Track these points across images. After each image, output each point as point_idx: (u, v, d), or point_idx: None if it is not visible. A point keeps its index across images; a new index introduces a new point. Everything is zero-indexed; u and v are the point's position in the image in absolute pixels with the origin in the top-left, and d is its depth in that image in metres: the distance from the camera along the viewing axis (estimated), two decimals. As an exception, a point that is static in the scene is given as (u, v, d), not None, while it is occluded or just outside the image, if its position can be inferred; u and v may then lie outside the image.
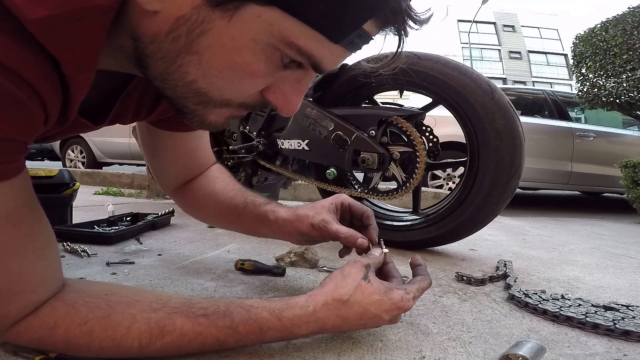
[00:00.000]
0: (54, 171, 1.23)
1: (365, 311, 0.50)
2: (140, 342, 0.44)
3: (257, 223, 0.74)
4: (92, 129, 0.56)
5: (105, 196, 2.58)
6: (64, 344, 0.43)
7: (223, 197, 0.77)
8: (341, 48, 0.40)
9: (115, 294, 0.48)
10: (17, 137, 0.38)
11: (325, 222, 0.66)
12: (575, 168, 3.66)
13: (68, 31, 0.36)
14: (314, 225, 0.66)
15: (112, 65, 0.47)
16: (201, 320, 0.46)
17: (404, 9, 0.39)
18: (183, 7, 0.37)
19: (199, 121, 0.46)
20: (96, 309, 0.44)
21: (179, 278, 0.81)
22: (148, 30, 0.39)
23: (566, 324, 0.66)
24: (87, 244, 1.03)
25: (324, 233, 0.66)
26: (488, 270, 1.02)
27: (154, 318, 0.45)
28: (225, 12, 0.37)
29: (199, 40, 0.38)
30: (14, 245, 0.40)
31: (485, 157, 1.06)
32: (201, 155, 0.80)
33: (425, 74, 1.10)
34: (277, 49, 0.39)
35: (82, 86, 0.41)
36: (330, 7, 0.37)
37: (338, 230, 0.65)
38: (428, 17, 0.41)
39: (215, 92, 0.42)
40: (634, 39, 3.52)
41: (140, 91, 0.57)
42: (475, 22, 24.81)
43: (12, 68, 0.34)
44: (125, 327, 0.44)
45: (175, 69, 0.41)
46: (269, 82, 0.44)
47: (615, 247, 1.56)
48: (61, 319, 0.43)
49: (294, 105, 0.46)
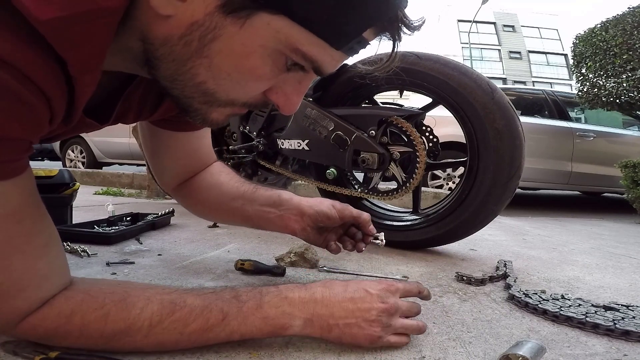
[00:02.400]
0: (54, 171, 1.23)
1: (347, 283, 0.54)
2: (150, 322, 0.45)
3: (266, 205, 0.76)
4: (97, 129, 0.57)
5: (105, 196, 2.58)
6: (78, 332, 0.44)
7: (229, 186, 0.79)
8: (341, 53, 0.43)
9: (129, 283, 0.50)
10: (23, 136, 0.38)
11: (347, 205, 0.75)
12: (576, 168, 3.66)
13: (75, 32, 0.36)
14: (334, 205, 0.75)
15: (117, 65, 0.48)
16: (209, 296, 0.49)
17: (399, 18, 0.42)
18: (196, 13, 0.39)
19: (202, 119, 0.48)
20: (112, 293, 0.46)
21: (179, 278, 0.81)
22: (160, 34, 0.41)
23: (566, 324, 0.66)
24: (87, 244, 1.03)
25: (345, 212, 0.74)
26: (488, 270, 1.02)
27: (167, 298, 0.47)
28: (237, 20, 0.39)
29: (210, 45, 0.40)
30: (17, 243, 0.41)
31: (485, 157, 1.06)
32: (202, 155, 0.81)
33: (425, 74, 1.10)
34: (282, 54, 0.42)
35: (88, 86, 0.42)
36: (333, 17, 0.39)
37: (360, 212, 0.75)
38: (420, 24, 0.44)
39: (222, 92, 0.45)
40: (634, 39, 3.53)
41: (142, 91, 0.58)
42: (475, 22, 24.80)
43: (18, 67, 0.34)
44: (139, 308, 0.45)
45: (186, 70, 0.42)
46: (272, 83, 0.46)
47: (615, 247, 1.56)
48: (78, 306, 0.44)
49: (294, 104, 0.49)
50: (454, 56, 3.46)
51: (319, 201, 0.75)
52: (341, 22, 0.40)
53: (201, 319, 0.47)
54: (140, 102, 0.59)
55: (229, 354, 0.49)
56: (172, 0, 0.38)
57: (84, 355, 0.44)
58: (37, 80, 0.36)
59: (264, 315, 0.49)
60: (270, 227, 0.78)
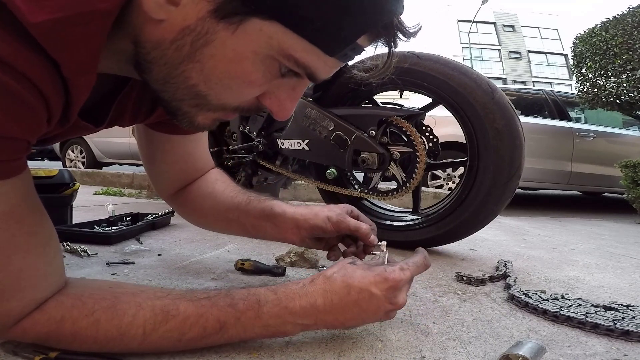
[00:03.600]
0: (54, 171, 1.23)
1: (349, 285, 0.50)
2: (144, 330, 0.44)
3: (261, 218, 0.73)
4: (93, 131, 0.57)
5: (105, 196, 2.58)
6: (70, 337, 0.43)
7: (224, 197, 0.77)
8: (335, 60, 0.43)
9: (120, 287, 0.49)
10: (21, 136, 0.38)
11: (344, 216, 0.68)
12: (576, 168, 3.66)
13: (68, 34, 0.36)
14: (330, 218, 0.68)
15: (111, 68, 0.48)
16: (203, 302, 0.47)
17: (395, 24, 0.42)
18: (188, 17, 0.38)
19: (188, 122, 0.48)
20: (102, 299, 0.45)
21: (179, 278, 0.81)
22: (152, 37, 0.41)
23: (566, 324, 0.66)
24: (87, 244, 1.03)
25: (341, 225, 0.68)
26: (488, 270, 1.02)
27: (158, 304, 0.46)
28: (229, 25, 0.38)
29: (202, 50, 0.40)
30: (16, 243, 0.41)
31: (485, 157, 1.06)
32: (198, 159, 0.79)
33: (425, 74, 1.10)
34: (275, 60, 0.42)
35: (83, 88, 0.42)
36: (327, 23, 0.39)
37: (358, 223, 0.68)
38: (416, 30, 0.44)
39: (214, 96, 0.44)
40: (634, 39, 3.53)
41: (137, 93, 0.57)
42: (475, 22, 24.79)
43: (16, 67, 0.34)
44: (131, 315, 0.44)
45: (179, 74, 0.42)
46: (265, 89, 0.45)
47: (615, 247, 1.56)
48: (68, 312, 0.43)
49: (288, 110, 0.48)
50: (454, 56, 3.46)
51: (314, 213, 0.70)
52: (335, 28, 0.39)
53: (197, 327, 0.46)
54: (135, 105, 0.59)
55: (229, 354, 0.49)
56: (164, 5, 0.38)
57: (83, 355, 0.44)
58: (35, 79, 0.36)
59: (264, 324, 0.48)
60: (268, 238, 0.77)
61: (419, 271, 0.56)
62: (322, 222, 0.68)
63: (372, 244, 0.67)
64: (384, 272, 0.51)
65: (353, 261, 0.55)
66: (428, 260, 0.58)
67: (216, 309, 0.47)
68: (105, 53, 0.41)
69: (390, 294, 0.51)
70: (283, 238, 0.74)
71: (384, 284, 0.50)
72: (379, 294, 0.50)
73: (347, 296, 0.50)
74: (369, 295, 0.50)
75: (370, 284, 0.50)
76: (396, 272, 0.52)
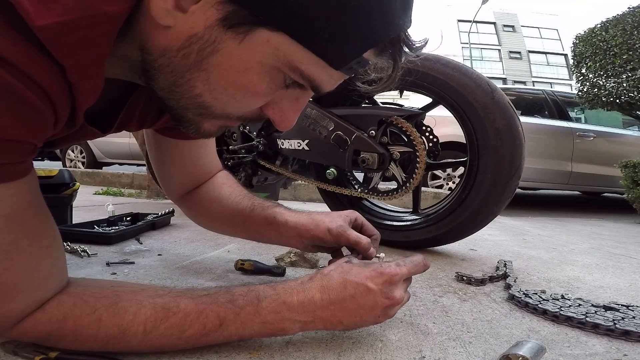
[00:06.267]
0: (54, 171, 1.23)
1: (346, 280, 0.51)
2: (145, 327, 0.45)
3: (265, 226, 0.74)
4: (99, 136, 0.56)
5: (105, 196, 2.58)
6: (72, 336, 0.44)
7: (229, 202, 0.78)
8: (340, 73, 0.43)
9: (121, 286, 0.49)
10: (27, 139, 0.38)
11: (344, 228, 0.67)
12: (575, 168, 3.66)
13: (74, 38, 0.36)
14: (330, 230, 0.67)
15: (117, 73, 0.48)
16: (204, 299, 0.48)
17: (401, 39, 0.42)
18: (196, 25, 0.38)
19: (194, 129, 0.48)
20: (104, 298, 0.45)
21: (179, 278, 0.81)
22: (158, 44, 0.41)
23: (566, 324, 0.66)
24: (87, 244, 1.03)
25: (341, 238, 0.67)
26: (488, 270, 1.02)
27: (159, 302, 0.46)
28: (237, 35, 0.38)
29: (209, 59, 0.40)
30: (19, 246, 0.41)
31: (485, 157, 1.06)
32: (206, 163, 0.80)
33: (425, 74, 1.10)
34: (280, 72, 0.42)
35: (88, 93, 0.41)
36: (334, 36, 0.39)
37: (359, 237, 0.66)
38: (422, 45, 0.44)
39: (218, 106, 0.44)
40: (634, 39, 3.53)
41: (145, 99, 0.58)
42: (475, 22, 24.79)
43: (23, 70, 0.34)
44: (132, 313, 0.45)
45: (183, 82, 0.42)
46: (269, 99, 0.46)
47: (615, 247, 1.56)
48: (70, 311, 0.44)
49: (290, 121, 0.49)
50: (454, 56, 3.46)
51: (315, 224, 0.69)
52: (342, 42, 0.39)
53: (197, 324, 0.46)
54: (143, 110, 0.59)
55: (229, 354, 0.49)
56: (172, 11, 0.37)
57: (83, 355, 0.44)
58: (42, 82, 0.36)
59: (263, 320, 0.49)
60: (273, 243, 0.78)
61: (417, 270, 0.56)
62: (322, 233, 0.68)
63: (371, 257, 0.66)
64: (380, 267, 0.52)
65: (349, 260, 0.56)
66: (427, 260, 0.58)
67: (216, 305, 0.48)
68: (111, 59, 0.41)
69: (386, 288, 0.51)
70: (286, 244, 0.75)
71: (379, 278, 0.51)
72: (375, 288, 0.51)
73: (344, 291, 0.50)
74: (365, 289, 0.50)
75: (366, 278, 0.51)
76: (392, 267, 0.53)
